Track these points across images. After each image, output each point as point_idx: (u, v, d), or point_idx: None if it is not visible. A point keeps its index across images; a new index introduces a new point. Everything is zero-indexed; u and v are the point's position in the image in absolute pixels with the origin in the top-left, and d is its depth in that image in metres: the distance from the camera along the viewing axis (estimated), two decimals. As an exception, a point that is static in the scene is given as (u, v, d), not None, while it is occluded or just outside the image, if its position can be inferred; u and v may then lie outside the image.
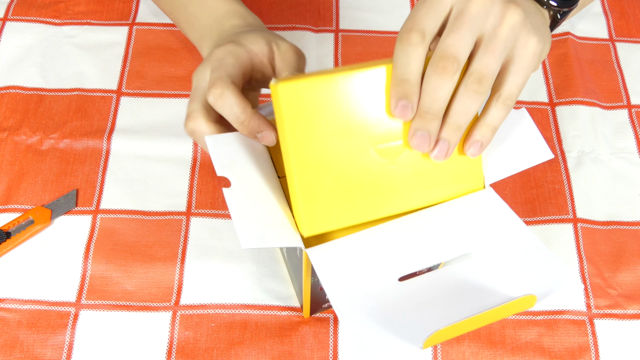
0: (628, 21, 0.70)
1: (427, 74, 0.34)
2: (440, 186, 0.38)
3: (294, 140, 0.34)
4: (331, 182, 0.36)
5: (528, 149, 0.40)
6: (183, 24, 0.54)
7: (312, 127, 0.34)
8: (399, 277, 0.35)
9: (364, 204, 0.37)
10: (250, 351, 0.50)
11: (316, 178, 0.36)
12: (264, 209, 0.36)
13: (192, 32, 0.52)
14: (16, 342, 0.50)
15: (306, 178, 0.35)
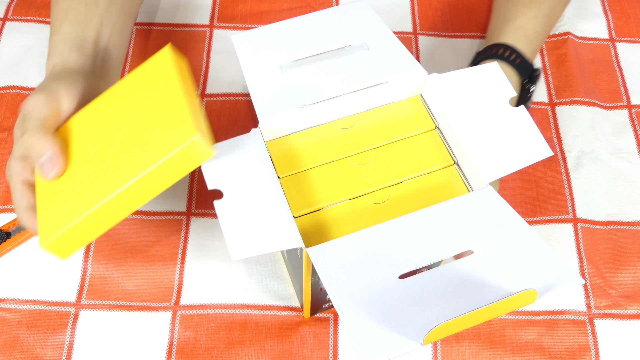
0: (628, 21, 0.70)
1: None
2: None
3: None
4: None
5: (527, 146, 0.40)
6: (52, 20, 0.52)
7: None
8: (400, 274, 0.35)
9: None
10: (250, 351, 0.50)
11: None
12: (259, 215, 0.37)
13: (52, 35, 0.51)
14: (16, 342, 0.50)
15: None
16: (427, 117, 0.44)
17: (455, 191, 0.41)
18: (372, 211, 0.40)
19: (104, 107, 0.42)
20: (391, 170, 0.42)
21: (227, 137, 0.59)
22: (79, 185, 0.39)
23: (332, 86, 0.42)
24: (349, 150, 0.42)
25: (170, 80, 0.40)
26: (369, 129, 0.43)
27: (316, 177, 0.41)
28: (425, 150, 0.42)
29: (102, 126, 0.41)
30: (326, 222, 0.39)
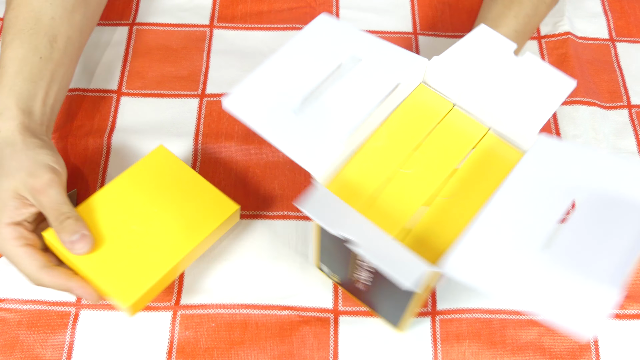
0: (628, 21, 0.70)
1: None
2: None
3: None
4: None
5: (551, 86, 0.42)
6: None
7: None
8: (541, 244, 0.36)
9: None
10: (250, 351, 0.50)
11: None
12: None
13: None
14: (16, 342, 0.50)
15: None
16: (441, 99, 0.45)
17: (506, 152, 0.43)
18: (454, 206, 0.41)
19: (121, 191, 0.49)
20: (441, 162, 0.42)
21: (227, 137, 0.59)
22: (138, 254, 0.46)
23: (353, 109, 0.41)
24: (395, 161, 0.43)
25: (182, 169, 0.51)
26: (399, 133, 0.43)
27: (385, 200, 0.41)
28: (458, 130, 0.44)
29: (129, 206, 0.48)
30: (424, 232, 0.40)
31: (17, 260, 0.45)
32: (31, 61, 0.49)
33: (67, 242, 0.44)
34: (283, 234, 0.55)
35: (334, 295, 0.52)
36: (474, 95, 0.43)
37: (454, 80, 0.43)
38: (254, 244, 0.55)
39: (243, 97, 0.41)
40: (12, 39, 0.49)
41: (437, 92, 0.45)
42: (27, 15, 0.50)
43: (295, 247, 0.54)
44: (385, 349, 0.50)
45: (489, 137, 0.44)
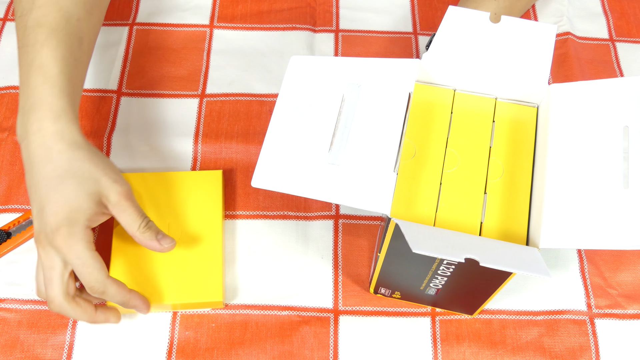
0: (628, 21, 0.70)
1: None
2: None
3: None
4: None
5: (536, 37, 0.43)
6: (21, 80, 0.48)
7: None
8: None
9: None
10: (250, 351, 0.50)
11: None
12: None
13: (22, 97, 0.47)
14: (16, 342, 0.49)
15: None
16: (442, 90, 0.45)
17: (523, 113, 0.44)
18: (510, 182, 0.42)
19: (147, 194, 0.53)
20: (476, 147, 0.43)
21: (227, 137, 0.59)
22: (147, 276, 0.50)
23: (384, 135, 0.41)
24: (436, 166, 0.43)
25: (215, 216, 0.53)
26: (423, 138, 0.44)
27: (449, 204, 0.41)
28: (472, 111, 0.44)
29: (157, 212, 0.53)
30: (499, 219, 0.41)
31: (88, 264, 0.44)
32: (69, 62, 0.47)
33: (155, 241, 0.47)
34: (283, 234, 0.55)
35: (334, 295, 0.52)
36: (471, 74, 0.44)
37: (447, 68, 0.44)
38: (254, 244, 0.55)
39: (269, 170, 0.40)
40: (47, 37, 0.47)
41: (434, 85, 0.46)
42: (57, 14, 0.48)
43: (295, 247, 0.54)
44: (385, 348, 0.50)
45: (501, 106, 0.45)
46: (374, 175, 0.39)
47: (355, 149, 0.40)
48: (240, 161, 0.58)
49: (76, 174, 0.44)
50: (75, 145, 0.45)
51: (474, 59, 0.44)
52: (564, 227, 0.37)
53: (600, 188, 0.38)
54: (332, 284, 0.53)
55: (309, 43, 0.66)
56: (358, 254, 0.54)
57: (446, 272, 0.42)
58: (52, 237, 0.43)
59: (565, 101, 0.42)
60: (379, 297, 0.52)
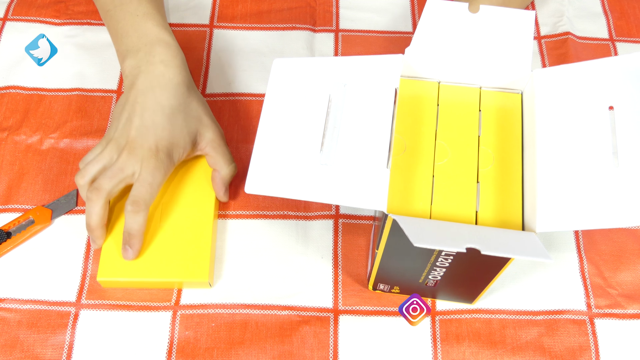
0: (628, 21, 0.70)
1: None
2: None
3: None
4: None
5: (515, 24, 0.43)
6: (112, 32, 0.56)
7: None
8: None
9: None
10: (250, 351, 0.50)
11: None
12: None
13: (119, 44, 0.54)
14: (16, 342, 0.50)
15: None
16: (426, 83, 0.46)
17: (508, 100, 0.45)
18: (501, 170, 0.42)
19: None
20: (465, 138, 0.43)
21: (227, 137, 0.59)
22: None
23: (375, 132, 0.41)
24: (427, 159, 0.43)
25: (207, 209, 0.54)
26: (412, 132, 0.44)
27: (443, 196, 0.41)
28: (458, 102, 0.45)
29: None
30: (493, 206, 0.41)
31: (152, 189, 0.49)
32: (163, 14, 0.54)
33: (227, 187, 0.54)
34: (283, 233, 0.55)
35: (333, 294, 0.52)
36: (454, 65, 0.44)
37: (430, 60, 0.44)
38: (254, 243, 0.55)
39: (262, 176, 0.40)
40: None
41: (418, 78, 0.46)
42: None
43: (295, 247, 0.54)
44: (385, 348, 0.50)
45: (486, 94, 0.45)
46: (367, 172, 0.39)
47: (346, 148, 0.40)
48: (240, 161, 0.58)
49: (186, 110, 0.51)
50: (190, 85, 0.52)
51: (456, 49, 0.44)
52: (559, 209, 0.38)
53: (591, 168, 0.38)
54: (332, 284, 0.53)
55: (309, 43, 0.66)
56: (358, 253, 0.54)
57: (445, 263, 0.42)
58: (146, 153, 0.48)
59: (549, 85, 0.42)
60: (378, 295, 0.52)
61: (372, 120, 0.41)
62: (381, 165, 0.39)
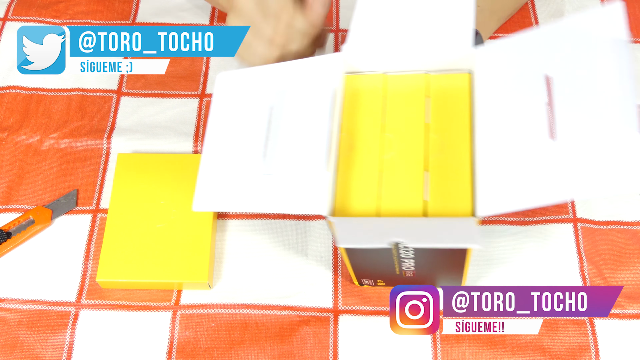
0: (628, 21, 0.70)
1: None
2: None
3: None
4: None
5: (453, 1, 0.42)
6: None
7: None
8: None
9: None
10: (250, 351, 0.50)
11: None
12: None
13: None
14: (16, 342, 0.50)
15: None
16: (371, 76, 0.44)
17: (456, 80, 0.43)
18: (449, 155, 0.40)
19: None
20: (412, 127, 0.42)
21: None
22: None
23: (314, 135, 0.41)
24: (374, 154, 0.41)
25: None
26: (359, 128, 0.43)
27: (391, 190, 0.40)
28: (404, 91, 0.43)
29: (140, 212, 0.53)
30: (442, 195, 0.40)
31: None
32: None
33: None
34: (283, 234, 0.55)
35: (333, 294, 0.52)
36: (397, 53, 0.42)
37: (372, 53, 0.43)
38: (254, 244, 0.55)
39: (209, 192, 0.40)
40: None
41: (363, 73, 0.44)
42: None
43: (295, 247, 0.54)
44: (385, 348, 0.50)
45: (434, 79, 0.43)
46: (307, 177, 0.39)
47: (288, 155, 0.40)
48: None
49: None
50: None
51: (397, 37, 0.42)
52: (499, 191, 0.36)
53: (529, 144, 0.36)
54: (332, 284, 0.53)
55: (309, 43, 0.66)
56: (358, 254, 0.54)
57: (408, 255, 0.41)
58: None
59: (492, 61, 0.40)
60: (378, 295, 0.52)
61: (311, 123, 0.40)
62: (321, 168, 0.39)
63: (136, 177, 0.55)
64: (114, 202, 0.54)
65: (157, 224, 0.52)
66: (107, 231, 0.52)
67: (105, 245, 0.51)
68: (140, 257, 0.51)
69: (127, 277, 0.50)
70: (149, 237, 0.52)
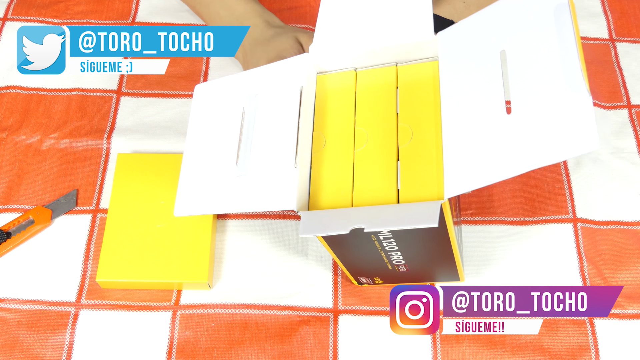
0: (628, 21, 0.70)
1: None
2: None
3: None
4: None
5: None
6: (205, 19, 0.62)
7: None
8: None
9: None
10: (250, 351, 0.50)
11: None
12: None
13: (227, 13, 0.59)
14: (16, 342, 0.50)
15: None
16: (342, 74, 0.45)
17: (424, 69, 0.43)
18: (420, 143, 0.41)
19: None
20: (382, 119, 0.43)
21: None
22: (136, 254, 0.51)
23: (283, 135, 0.41)
24: (347, 148, 0.42)
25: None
26: (331, 124, 0.44)
27: (364, 180, 0.41)
28: (374, 85, 0.44)
29: (140, 212, 0.53)
30: (414, 182, 0.41)
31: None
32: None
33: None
34: (283, 234, 0.55)
35: (333, 294, 0.52)
36: (362, 49, 0.43)
37: (340, 51, 0.44)
38: (254, 244, 0.55)
39: (188, 197, 0.42)
40: None
41: (334, 71, 0.45)
42: None
43: (295, 247, 0.54)
44: (385, 348, 0.50)
45: (403, 70, 0.44)
46: (277, 175, 0.40)
47: (259, 156, 0.41)
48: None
49: (284, 31, 0.57)
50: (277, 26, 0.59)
51: (361, 32, 0.43)
52: (462, 170, 0.37)
53: (487, 122, 0.37)
54: (332, 284, 0.53)
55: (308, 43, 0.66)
56: (358, 254, 0.54)
57: (392, 246, 0.42)
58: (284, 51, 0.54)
59: (451, 44, 0.41)
60: (378, 294, 0.52)
61: (281, 124, 0.42)
62: (289, 165, 0.40)
63: (136, 177, 0.55)
64: (113, 202, 0.53)
65: (157, 224, 0.52)
66: (107, 231, 0.52)
67: (105, 245, 0.51)
68: (140, 257, 0.51)
69: (127, 277, 0.50)
70: (149, 237, 0.52)
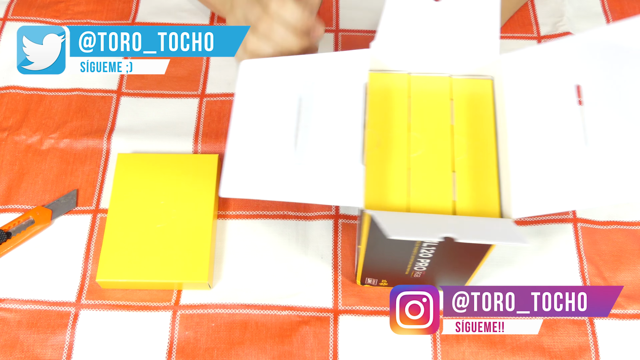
0: (628, 21, 0.70)
1: None
2: None
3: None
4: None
5: (480, 7, 0.42)
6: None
7: None
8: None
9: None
10: (250, 351, 0.50)
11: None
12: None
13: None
14: (16, 342, 0.50)
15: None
16: (396, 76, 0.45)
17: (479, 86, 0.44)
18: (475, 158, 0.42)
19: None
20: (437, 128, 0.43)
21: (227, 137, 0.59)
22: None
23: (347, 129, 0.41)
24: (402, 152, 0.42)
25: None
26: (385, 126, 0.43)
27: (420, 187, 0.41)
28: (429, 92, 0.44)
29: (140, 212, 0.53)
30: (471, 195, 0.41)
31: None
32: None
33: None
34: (283, 233, 0.55)
35: (333, 294, 0.52)
36: (423, 55, 0.44)
37: (398, 52, 0.44)
38: (254, 244, 0.55)
39: (237, 179, 0.40)
40: None
41: (388, 71, 0.45)
42: None
43: (295, 247, 0.54)
44: (385, 348, 0.50)
45: (457, 83, 0.44)
46: (342, 169, 0.39)
47: (320, 146, 0.40)
48: (240, 161, 0.58)
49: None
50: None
51: (423, 39, 0.43)
52: (533, 194, 0.37)
53: (562, 150, 0.38)
54: (332, 284, 0.53)
55: (308, 43, 0.66)
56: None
57: (427, 254, 0.42)
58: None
59: (518, 69, 0.42)
60: (378, 295, 0.52)
61: (343, 116, 0.41)
62: (355, 161, 0.39)
63: (136, 177, 0.55)
64: (113, 202, 0.54)
65: (157, 224, 0.52)
66: (107, 231, 0.52)
67: (105, 245, 0.51)
68: (140, 257, 0.51)
69: (127, 277, 0.50)
70: (149, 237, 0.52)
